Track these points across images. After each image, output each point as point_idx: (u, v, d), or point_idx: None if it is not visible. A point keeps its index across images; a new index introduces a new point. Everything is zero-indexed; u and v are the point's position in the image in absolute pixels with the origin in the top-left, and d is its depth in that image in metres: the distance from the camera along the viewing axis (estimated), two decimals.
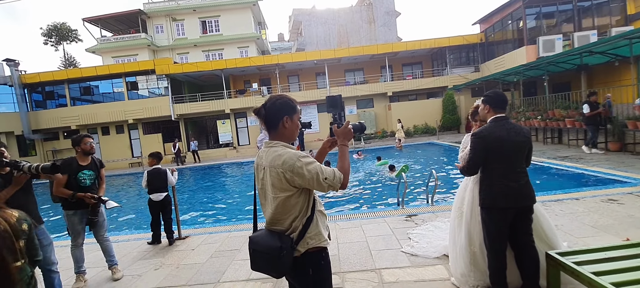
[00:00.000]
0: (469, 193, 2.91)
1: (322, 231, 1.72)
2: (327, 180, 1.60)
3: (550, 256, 2.40)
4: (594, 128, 9.16)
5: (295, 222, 1.66)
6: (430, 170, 5.86)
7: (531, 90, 18.17)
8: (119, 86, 22.63)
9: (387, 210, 5.59)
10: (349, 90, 22.72)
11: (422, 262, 3.45)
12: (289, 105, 1.72)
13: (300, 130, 6.78)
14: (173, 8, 27.55)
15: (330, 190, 1.68)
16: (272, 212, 1.69)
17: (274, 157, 1.63)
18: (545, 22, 17.89)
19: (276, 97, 1.74)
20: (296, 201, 1.64)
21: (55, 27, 35.95)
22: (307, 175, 1.57)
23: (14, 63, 21.15)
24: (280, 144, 1.69)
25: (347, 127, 1.84)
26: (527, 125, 13.08)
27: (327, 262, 1.77)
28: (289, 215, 1.66)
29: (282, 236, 1.65)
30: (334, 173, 1.64)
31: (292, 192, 1.62)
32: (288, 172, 1.58)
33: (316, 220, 1.71)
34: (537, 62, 13.64)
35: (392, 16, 31.25)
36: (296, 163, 1.58)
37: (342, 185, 1.67)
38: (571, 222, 4.13)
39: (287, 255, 1.62)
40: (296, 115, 1.75)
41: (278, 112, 1.69)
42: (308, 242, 1.67)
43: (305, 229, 1.66)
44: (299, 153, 1.63)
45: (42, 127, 22.04)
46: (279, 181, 1.61)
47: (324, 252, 1.74)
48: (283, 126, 1.70)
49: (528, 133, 2.55)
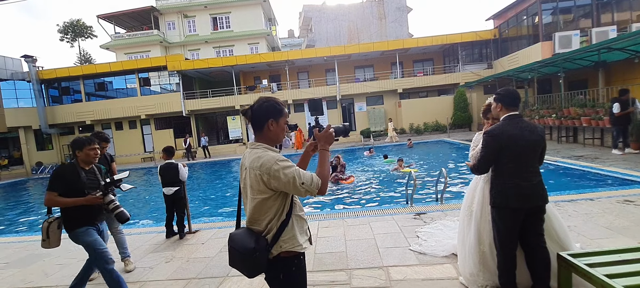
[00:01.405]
0: (479, 192, 2.87)
1: (297, 236, 1.71)
2: (304, 185, 1.59)
3: (561, 257, 2.35)
4: (623, 128, 8.85)
5: (271, 224, 1.66)
6: (440, 169, 5.80)
7: (546, 87, 17.76)
8: (132, 82, 23.04)
9: (395, 207, 5.57)
10: (358, 87, 22.62)
11: (430, 261, 3.43)
12: (276, 108, 1.72)
13: (309, 126, 6.86)
14: (185, 5, 27.81)
15: (308, 195, 1.67)
16: (250, 212, 1.71)
17: (254, 159, 1.64)
18: (561, 18, 17.42)
19: (264, 99, 1.74)
20: (273, 204, 1.65)
21: (71, 23, 36.72)
22: (284, 179, 1.57)
23: (31, 59, 21.71)
24: (263, 145, 1.70)
25: (328, 131, 1.81)
26: (541, 123, 12.81)
27: (300, 269, 1.75)
28: (266, 216, 1.66)
29: (258, 237, 1.65)
30: (312, 178, 1.62)
31: (269, 195, 1.63)
32: (265, 174, 1.58)
33: (292, 224, 1.70)
34: (552, 59, 13.31)
35: (403, 12, 30.92)
36: (273, 166, 1.57)
37: (320, 190, 1.65)
38: (585, 223, 4.04)
39: (260, 256, 1.62)
40: (282, 119, 1.75)
41: (264, 114, 1.70)
42: (281, 245, 1.67)
43: (280, 232, 1.66)
44: (277, 156, 1.63)
45: (59, 122, 22.60)
46: (257, 183, 1.62)
47: (296, 258, 1.72)
48: (268, 128, 1.71)
49: (542, 131, 2.50)
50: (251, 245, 1.61)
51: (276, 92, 22.55)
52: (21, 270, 4.32)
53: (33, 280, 3.96)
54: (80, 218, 2.91)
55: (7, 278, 4.09)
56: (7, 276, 4.15)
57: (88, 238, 2.90)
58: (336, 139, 1.88)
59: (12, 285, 3.86)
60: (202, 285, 3.43)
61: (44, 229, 2.93)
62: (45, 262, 4.51)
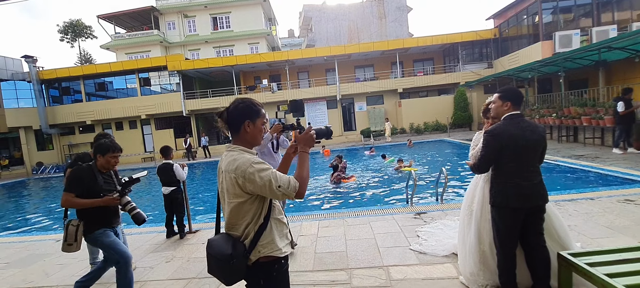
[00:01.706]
0: (479, 192, 2.87)
1: (276, 240, 1.66)
2: (280, 188, 1.54)
3: (562, 257, 2.35)
4: (626, 127, 8.82)
5: (248, 229, 1.62)
6: (440, 168, 5.80)
7: (546, 87, 17.74)
8: (132, 82, 23.05)
9: (395, 207, 5.57)
10: (358, 87, 22.61)
11: (430, 260, 3.43)
12: (252, 109, 1.68)
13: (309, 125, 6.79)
14: (185, 5, 27.81)
15: (286, 199, 1.63)
16: (227, 216, 1.67)
17: (230, 161, 1.60)
18: (562, 17, 17.40)
19: (239, 100, 1.69)
20: (249, 207, 1.61)
21: (71, 24, 36.72)
22: (259, 182, 1.53)
23: (32, 59, 21.73)
24: (239, 148, 1.66)
25: (308, 133, 1.76)
26: (542, 122, 12.81)
27: (281, 274, 1.69)
28: (243, 221, 1.62)
29: (236, 243, 1.60)
30: (289, 181, 1.58)
31: (245, 198, 1.59)
32: (240, 177, 1.55)
33: (270, 228, 1.65)
34: (553, 58, 13.30)
35: (403, 12, 30.91)
36: (248, 169, 1.54)
37: (298, 194, 1.60)
38: (585, 223, 4.04)
39: (238, 263, 1.57)
40: (259, 120, 1.70)
41: (240, 116, 1.66)
42: (260, 250, 1.62)
43: (258, 236, 1.61)
44: (253, 158, 1.59)
45: (59, 122, 22.62)
46: (233, 186, 1.58)
47: (277, 263, 1.66)
48: (245, 130, 1.67)
49: (543, 131, 2.49)
50: (228, 251, 1.56)
51: (276, 92, 22.54)
52: (22, 270, 4.32)
53: (34, 280, 3.96)
54: (98, 220, 2.91)
55: (7, 278, 4.09)
56: (7, 276, 4.15)
57: (107, 239, 2.91)
58: (317, 142, 1.82)
59: (12, 285, 3.86)
60: (203, 284, 3.43)
61: (71, 233, 2.87)
62: (45, 262, 4.51)
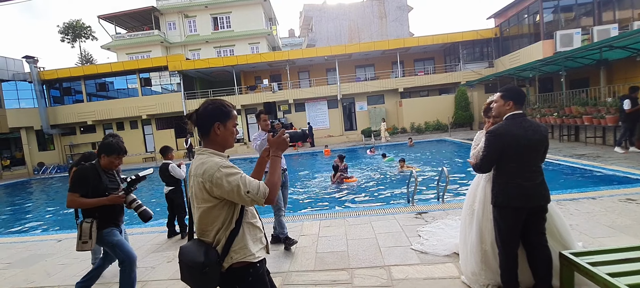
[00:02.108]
0: (480, 191, 2.86)
1: (249, 245, 1.62)
2: (249, 193, 1.50)
3: (564, 256, 2.35)
4: (631, 126, 8.78)
5: (219, 235, 1.57)
6: (441, 168, 5.79)
7: (547, 86, 17.71)
8: (133, 82, 23.07)
9: (396, 207, 5.56)
10: (359, 86, 22.60)
11: (431, 260, 3.43)
12: (221, 110, 1.63)
13: (309, 126, 6.84)
14: (185, 5, 27.82)
15: (255, 205, 1.59)
16: (197, 222, 1.62)
17: (198, 165, 1.56)
18: (563, 16, 17.36)
19: (209, 102, 1.65)
20: (219, 213, 1.56)
21: (71, 24, 36.76)
22: (227, 187, 1.48)
23: (33, 60, 21.75)
24: (209, 151, 1.61)
25: (281, 137, 1.70)
26: (543, 122, 12.79)
27: (257, 278, 1.65)
28: (213, 226, 1.57)
29: (209, 249, 1.56)
30: (258, 186, 1.53)
31: (213, 203, 1.54)
32: (207, 182, 1.50)
33: (242, 233, 1.61)
34: (554, 57, 13.28)
35: (404, 11, 30.88)
36: (216, 173, 1.49)
37: (267, 200, 1.55)
38: (587, 222, 4.03)
39: (211, 271, 1.53)
40: (230, 121, 1.65)
41: (210, 117, 1.61)
42: (232, 256, 1.57)
43: (230, 242, 1.57)
44: (222, 163, 1.53)
45: (60, 122, 22.65)
46: (201, 191, 1.54)
47: (252, 267, 1.62)
48: (215, 133, 1.62)
49: (545, 131, 2.48)
50: (200, 259, 1.52)
51: (277, 92, 22.55)
52: (23, 270, 4.33)
53: (35, 280, 3.97)
54: (105, 219, 2.91)
55: (9, 278, 4.10)
56: (9, 276, 4.16)
57: (113, 238, 2.91)
58: (292, 145, 1.82)
59: (14, 285, 3.87)
60: None
61: (86, 231, 2.85)
62: (47, 262, 4.52)
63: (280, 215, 4.12)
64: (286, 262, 3.74)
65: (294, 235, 4.45)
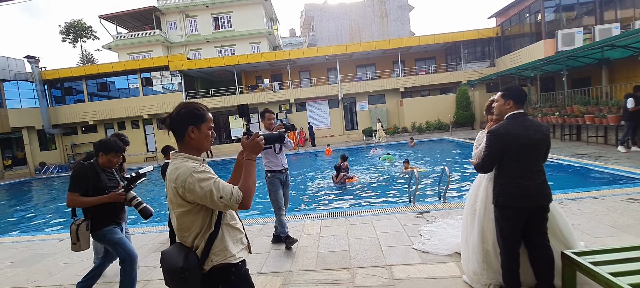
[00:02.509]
0: (482, 191, 2.86)
1: (229, 247, 1.60)
2: (222, 199, 1.48)
3: (566, 255, 2.34)
4: (634, 125, 8.74)
5: (198, 240, 1.56)
6: (442, 167, 5.79)
7: (549, 85, 17.67)
8: (134, 82, 23.10)
9: (398, 206, 5.56)
10: (360, 86, 22.58)
11: (433, 259, 3.42)
12: (195, 114, 1.60)
13: (310, 125, 6.80)
14: (186, 5, 27.83)
15: (228, 210, 1.58)
16: (175, 227, 1.60)
17: (172, 171, 1.54)
18: (564, 15, 17.31)
19: (182, 105, 1.62)
20: (195, 217, 1.54)
21: (72, 24, 36.83)
22: (200, 192, 1.47)
23: (34, 60, 21.79)
24: (183, 155, 1.59)
25: (255, 140, 1.67)
26: (544, 121, 12.77)
27: (240, 277, 1.65)
28: (190, 231, 1.56)
29: (188, 254, 1.55)
30: (232, 191, 1.50)
31: (188, 208, 1.53)
32: (180, 187, 1.49)
33: (222, 236, 1.60)
34: (555, 57, 13.24)
35: (405, 10, 30.85)
36: (188, 179, 1.47)
37: (241, 205, 1.53)
38: (589, 221, 4.02)
39: (190, 275, 1.52)
40: (205, 125, 1.62)
41: (183, 121, 1.58)
42: (212, 259, 1.56)
43: (209, 245, 1.55)
44: (195, 167, 1.51)
45: (62, 122, 22.69)
46: (175, 196, 1.53)
47: (234, 267, 1.61)
48: (189, 136, 1.59)
49: (547, 130, 2.47)
50: (179, 264, 1.51)
51: (278, 92, 22.55)
52: (25, 269, 4.34)
53: (37, 279, 3.98)
54: (105, 217, 2.91)
55: (11, 277, 4.12)
56: (11, 275, 4.17)
57: (114, 236, 2.91)
58: (269, 147, 1.78)
59: (16, 284, 3.88)
60: None
61: (72, 232, 2.88)
62: (49, 262, 4.54)
63: (281, 215, 4.12)
64: (288, 261, 3.74)
65: (295, 234, 4.44)
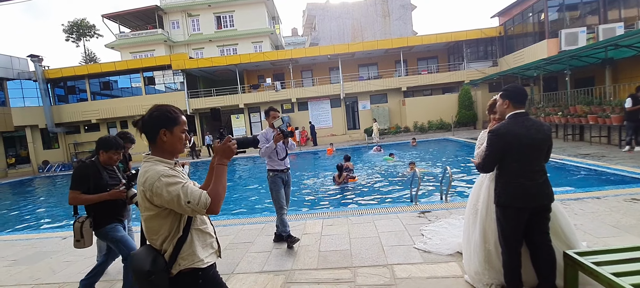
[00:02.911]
0: (484, 191, 2.86)
1: (197, 251, 1.59)
2: (190, 204, 1.46)
3: (568, 255, 2.34)
4: (634, 124, 8.69)
5: (166, 243, 1.55)
6: (444, 167, 5.78)
7: (552, 85, 17.59)
8: (137, 81, 23.18)
9: (399, 206, 5.55)
10: (362, 85, 22.56)
11: (435, 259, 3.42)
12: (167, 116, 1.59)
13: (311, 126, 6.78)
14: (189, 4, 27.90)
15: (196, 215, 1.56)
16: (144, 229, 1.59)
17: (142, 174, 1.54)
18: (568, 15, 17.22)
19: (154, 108, 1.61)
20: (163, 221, 1.53)
21: (76, 23, 36.98)
22: (167, 197, 1.46)
23: (38, 59, 21.90)
24: (154, 158, 1.58)
25: (226, 144, 1.63)
26: (547, 121, 12.72)
27: (208, 281, 1.64)
28: (159, 235, 1.55)
29: (157, 257, 1.54)
30: (200, 197, 1.47)
31: (155, 211, 1.52)
32: (148, 191, 1.48)
33: (191, 240, 1.58)
34: (558, 56, 13.19)
35: (407, 10, 30.77)
36: (156, 182, 1.47)
37: (209, 210, 1.49)
38: (591, 222, 4.00)
39: (157, 278, 1.51)
40: (177, 128, 1.61)
41: (155, 124, 1.58)
42: (180, 263, 1.55)
43: (177, 250, 1.54)
44: (163, 171, 1.50)
45: (65, 121, 22.81)
46: (143, 199, 1.52)
47: (201, 271, 1.60)
48: (161, 140, 1.59)
49: (549, 130, 2.47)
50: (146, 267, 1.50)
51: (280, 91, 22.56)
52: (29, 267, 4.37)
53: (40, 277, 4.00)
54: (108, 215, 2.93)
55: (15, 275, 4.14)
56: (15, 273, 4.20)
57: (117, 234, 2.93)
58: (243, 151, 1.72)
59: (20, 282, 3.91)
60: None
61: (76, 230, 2.91)
62: (52, 260, 4.56)
63: (283, 214, 4.13)
64: (289, 260, 3.74)
65: (297, 233, 4.45)
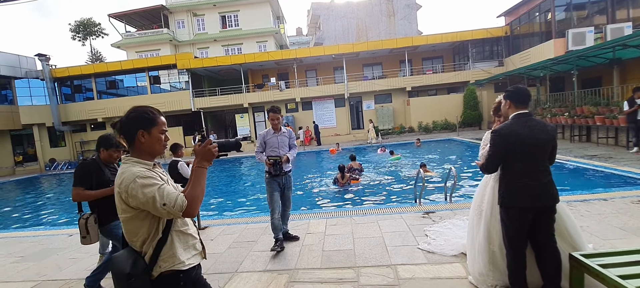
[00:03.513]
0: (489, 191, 2.84)
1: (178, 253, 1.58)
2: (165, 206, 1.45)
3: (574, 257, 2.32)
4: (634, 126, 8.63)
5: (146, 246, 1.54)
6: (449, 167, 5.75)
7: (558, 85, 17.42)
8: (142, 80, 23.35)
9: (403, 206, 5.54)
10: (367, 85, 22.51)
11: (439, 260, 3.41)
12: (145, 117, 1.58)
13: (315, 125, 6.82)
14: (194, 3, 28.03)
15: (172, 217, 1.54)
16: (124, 232, 1.59)
17: (119, 175, 1.53)
18: (575, 14, 17.03)
19: (132, 109, 1.61)
20: (141, 223, 1.52)
21: (82, 22, 37.32)
22: (142, 198, 1.45)
23: (45, 58, 22.14)
24: (132, 160, 1.57)
25: (207, 147, 1.60)
26: (553, 122, 12.60)
27: (189, 283, 1.63)
28: (138, 237, 1.54)
29: (137, 259, 1.53)
30: (176, 199, 1.46)
31: (132, 213, 1.51)
32: (123, 192, 1.48)
33: (171, 242, 1.57)
34: (565, 56, 13.05)
35: (412, 9, 30.66)
36: (131, 184, 1.46)
37: (186, 213, 1.49)
38: (598, 224, 3.96)
39: (137, 281, 1.50)
40: (155, 128, 1.60)
41: (133, 125, 1.57)
42: (160, 265, 1.54)
43: (157, 252, 1.53)
44: (140, 173, 1.49)
45: (71, 119, 23.04)
46: (120, 201, 1.52)
47: (183, 273, 1.59)
48: (139, 141, 1.58)
49: (553, 130, 2.46)
50: (126, 270, 1.49)
51: (284, 90, 22.59)
52: (36, 263, 4.43)
53: (47, 273, 4.05)
54: (111, 212, 2.93)
55: (22, 271, 4.20)
56: (22, 269, 4.26)
57: (120, 231, 2.98)
58: (224, 155, 1.71)
59: (27, 278, 3.97)
60: (211, 280, 3.46)
61: (82, 226, 2.96)
62: (58, 256, 4.62)
63: (273, 217, 4.02)
64: (292, 259, 3.76)
65: (300, 233, 4.47)
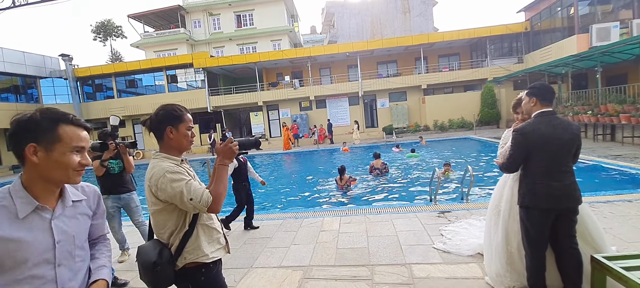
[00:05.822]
0: (508, 191, 2.79)
1: (203, 246, 1.65)
2: (192, 201, 1.52)
3: (595, 260, 2.25)
4: None
5: (173, 237, 1.61)
6: (465, 166, 5.66)
7: (581, 82, 16.83)
8: (160, 79, 23.92)
9: (418, 205, 5.49)
10: (381, 83, 22.33)
11: (454, 259, 3.37)
12: (172, 115, 1.66)
13: (329, 123, 6.90)
14: (210, 3, 28.44)
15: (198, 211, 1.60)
16: (152, 225, 1.67)
17: (149, 170, 1.60)
18: (599, 9, 16.40)
19: (160, 107, 1.69)
20: (169, 216, 1.60)
21: (103, 24, 38.43)
22: (170, 192, 1.52)
23: (68, 58, 22.99)
24: (162, 155, 1.64)
25: (228, 145, 1.67)
26: (576, 120, 12.19)
27: (209, 279, 1.69)
28: (165, 229, 1.62)
29: (163, 249, 1.60)
30: (202, 195, 1.53)
31: (161, 206, 1.58)
32: (153, 186, 1.55)
33: (196, 235, 1.64)
34: (589, 53, 12.59)
35: (428, 5, 30.14)
36: (161, 178, 1.53)
37: (210, 209, 1.56)
38: (622, 225, 3.83)
39: (163, 270, 1.57)
40: (183, 125, 1.67)
41: (161, 122, 1.65)
42: (185, 257, 1.61)
43: (183, 244, 1.60)
44: (169, 168, 1.56)
45: (93, 117, 23.82)
46: (149, 195, 1.59)
47: (205, 267, 1.66)
48: (168, 137, 1.65)
49: (577, 129, 2.38)
50: (152, 258, 1.56)
51: (298, 88, 22.67)
52: None
53: None
54: None
55: None
56: None
57: None
58: (245, 153, 1.81)
59: None
60: (227, 275, 3.50)
61: None
62: None
63: None
64: (307, 256, 3.79)
65: (315, 230, 4.50)
